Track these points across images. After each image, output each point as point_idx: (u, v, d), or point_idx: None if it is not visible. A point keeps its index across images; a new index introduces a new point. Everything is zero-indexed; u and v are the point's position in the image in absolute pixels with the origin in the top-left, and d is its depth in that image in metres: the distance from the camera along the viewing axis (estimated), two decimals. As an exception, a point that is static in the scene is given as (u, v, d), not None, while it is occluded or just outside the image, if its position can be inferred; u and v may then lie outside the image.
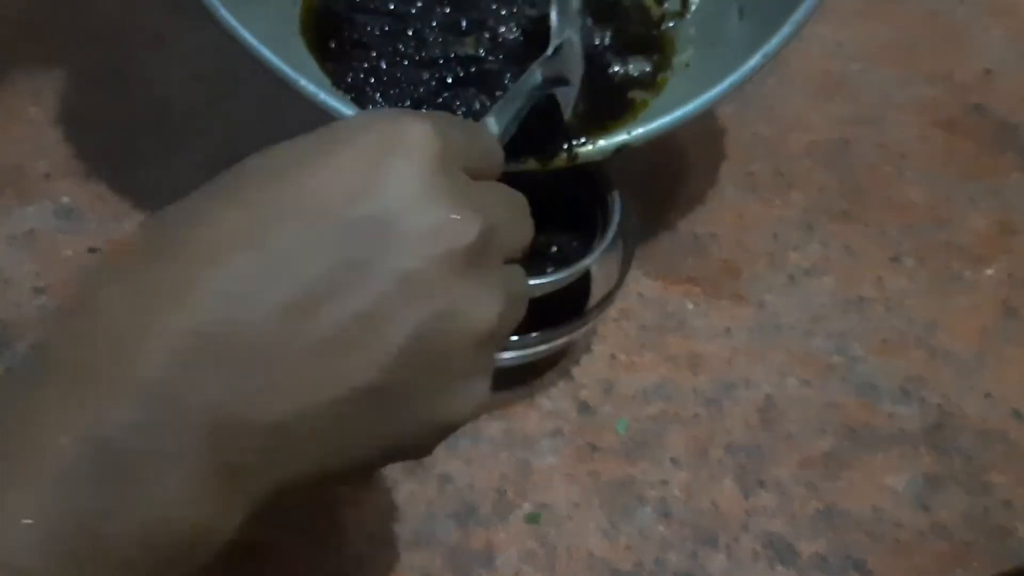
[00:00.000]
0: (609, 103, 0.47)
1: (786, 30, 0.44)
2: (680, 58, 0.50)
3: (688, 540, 0.43)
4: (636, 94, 0.48)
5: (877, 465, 0.46)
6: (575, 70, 0.43)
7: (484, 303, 0.25)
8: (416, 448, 0.26)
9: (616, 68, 0.49)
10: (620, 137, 0.45)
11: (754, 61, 0.44)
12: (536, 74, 0.38)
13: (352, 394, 0.23)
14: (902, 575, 0.42)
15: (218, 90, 0.59)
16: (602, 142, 0.45)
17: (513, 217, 0.28)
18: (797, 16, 0.44)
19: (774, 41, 0.44)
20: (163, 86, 0.60)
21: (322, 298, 0.23)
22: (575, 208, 0.48)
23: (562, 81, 0.42)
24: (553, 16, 0.44)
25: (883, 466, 0.45)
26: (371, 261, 0.23)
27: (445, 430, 0.26)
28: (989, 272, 0.54)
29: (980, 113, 0.62)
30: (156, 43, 0.62)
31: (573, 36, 0.43)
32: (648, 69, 0.49)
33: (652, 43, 0.51)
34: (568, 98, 0.43)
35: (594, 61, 0.49)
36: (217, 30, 0.41)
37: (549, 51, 0.42)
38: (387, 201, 0.24)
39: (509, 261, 0.28)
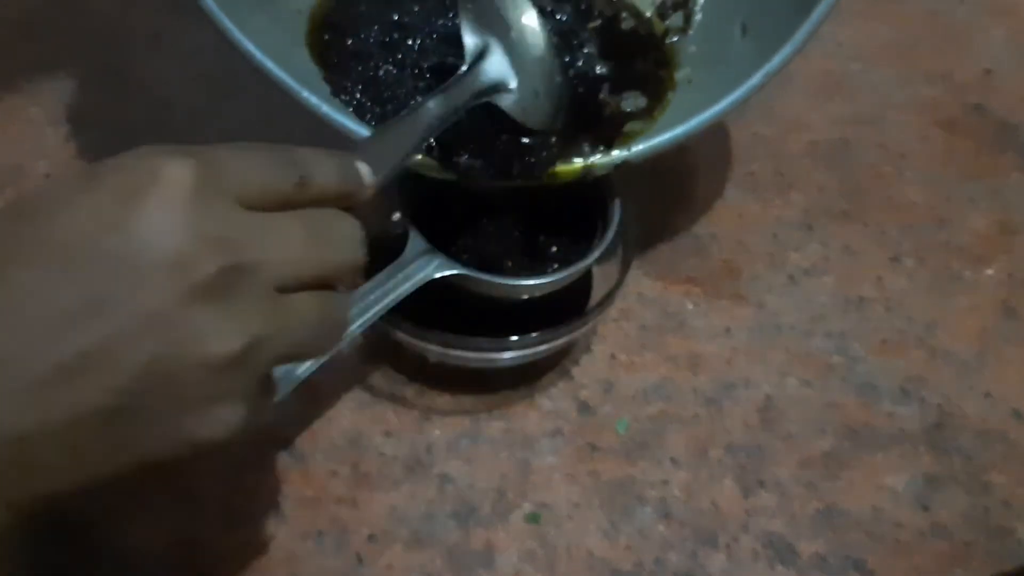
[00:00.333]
0: (601, 132, 0.47)
1: (788, 48, 0.43)
2: (681, 74, 0.50)
3: (688, 540, 0.43)
4: (631, 127, 0.48)
5: (877, 465, 0.46)
6: (527, 68, 0.43)
7: (224, 332, 0.26)
8: (167, 459, 0.28)
9: (609, 103, 0.49)
10: (620, 153, 0.45)
11: (756, 79, 0.43)
12: (432, 102, 0.39)
13: (91, 414, 0.25)
14: (902, 575, 0.42)
15: (218, 90, 0.59)
16: (601, 158, 0.45)
17: (288, 245, 0.28)
18: (800, 34, 0.43)
19: (776, 59, 0.43)
20: (163, 86, 0.60)
21: (61, 327, 0.25)
22: (575, 208, 0.48)
23: (495, 89, 0.42)
24: (464, 25, 0.43)
25: (883, 466, 0.45)
26: (111, 294, 0.25)
27: (196, 447, 0.28)
28: (989, 272, 0.54)
29: (980, 113, 0.62)
30: (156, 43, 0.62)
31: (497, 40, 0.43)
32: (643, 105, 0.49)
33: (650, 79, 0.51)
34: (520, 102, 0.43)
35: (588, 90, 0.49)
36: (217, 31, 0.41)
37: (464, 67, 0.42)
38: (130, 236, 0.25)
39: (324, 286, 0.30)
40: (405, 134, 0.37)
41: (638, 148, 0.45)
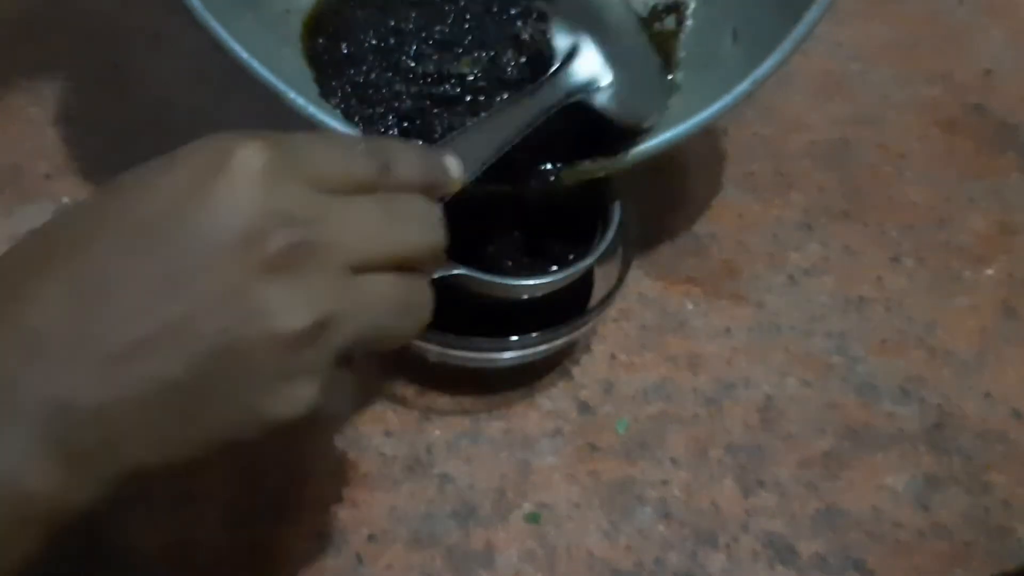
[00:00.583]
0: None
1: (778, 55, 0.43)
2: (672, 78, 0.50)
3: (688, 540, 0.43)
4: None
5: (877, 465, 0.46)
6: (621, 60, 0.43)
7: (293, 308, 0.27)
8: (243, 439, 0.28)
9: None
10: (609, 160, 0.45)
11: (744, 86, 0.44)
12: (522, 103, 0.39)
13: (165, 388, 0.26)
14: (902, 575, 0.42)
15: (218, 90, 0.59)
16: (588, 163, 0.45)
17: (362, 224, 0.29)
18: (790, 41, 0.43)
19: (766, 65, 0.43)
20: (163, 86, 0.60)
21: (139, 302, 0.26)
22: (575, 208, 0.48)
23: (587, 87, 0.42)
24: (555, 26, 0.44)
25: (883, 466, 0.46)
26: (185, 270, 0.26)
27: (269, 425, 0.28)
28: (989, 272, 0.54)
29: (980, 113, 0.62)
30: (156, 43, 0.62)
31: (589, 36, 0.43)
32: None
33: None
34: (616, 96, 0.43)
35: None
36: (203, 30, 0.41)
37: (555, 65, 0.42)
38: (203, 214, 0.26)
39: (389, 269, 0.29)
40: (494, 132, 0.38)
41: (627, 154, 0.45)
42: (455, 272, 0.42)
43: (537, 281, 0.45)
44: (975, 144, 0.61)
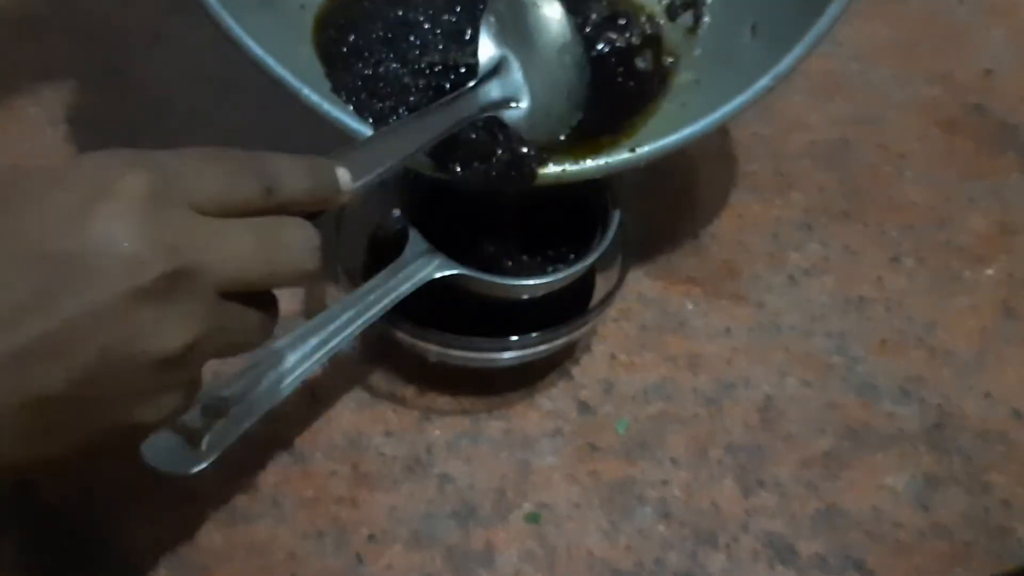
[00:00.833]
0: (615, 109, 0.47)
1: (799, 50, 0.43)
2: (687, 75, 0.50)
3: (688, 540, 0.43)
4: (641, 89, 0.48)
5: (877, 465, 0.46)
6: (543, 89, 0.43)
7: (167, 333, 0.29)
8: (111, 442, 0.30)
9: (620, 68, 0.49)
10: (623, 156, 0.45)
11: (764, 81, 0.43)
12: (435, 113, 0.39)
13: (42, 400, 0.27)
14: (902, 575, 0.42)
15: (218, 90, 0.59)
16: (605, 161, 0.45)
17: (236, 251, 0.30)
18: (810, 36, 0.43)
19: (787, 60, 0.43)
20: (163, 86, 0.60)
21: (15, 316, 0.27)
22: (576, 208, 0.48)
23: (503, 105, 0.42)
24: (484, 36, 0.43)
25: (883, 466, 0.46)
26: (63, 290, 0.27)
27: (136, 430, 0.30)
28: (989, 272, 0.54)
29: (980, 113, 0.62)
30: (156, 43, 0.62)
31: (516, 57, 0.44)
32: (649, 66, 0.49)
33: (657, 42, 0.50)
34: (529, 118, 0.43)
35: (598, 67, 0.49)
36: (217, 27, 0.41)
37: (473, 81, 0.42)
38: (86, 238, 0.27)
39: (252, 293, 0.31)
40: (401, 141, 0.38)
41: (643, 150, 0.45)
42: (455, 272, 0.42)
43: (537, 281, 0.45)
44: (975, 144, 0.61)
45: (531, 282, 0.45)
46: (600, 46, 0.50)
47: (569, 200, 0.48)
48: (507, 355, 0.44)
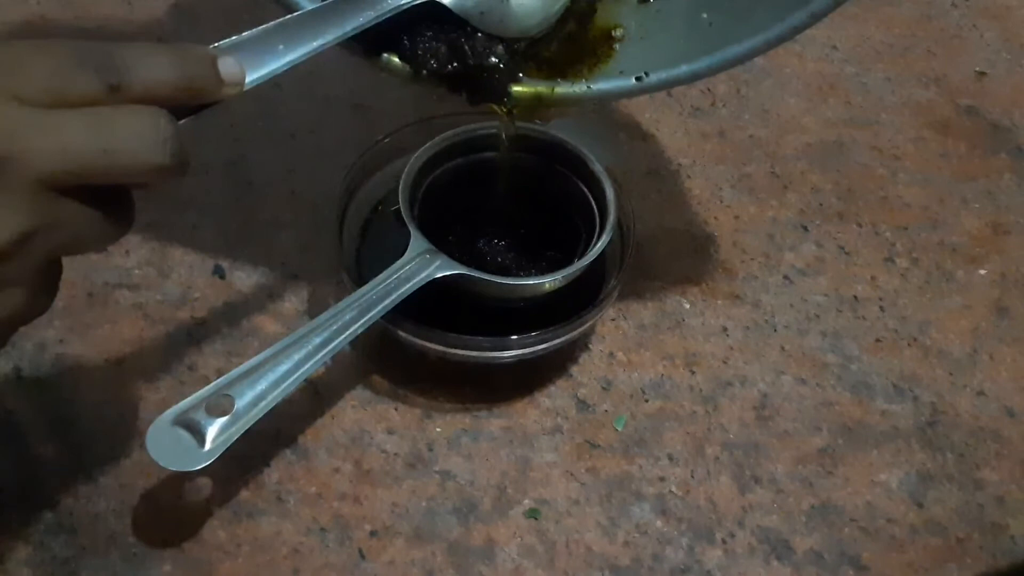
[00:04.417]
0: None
1: None
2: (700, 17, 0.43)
3: (685, 536, 0.43)
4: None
5: (871, 462, 0.46)
6: None
7: None
8: None
9: None
10: (631, 82, 0.40)
11: (800, 17, 0.38)
12: None
13: None
14: (896, 570, 0.43)
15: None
16: (607, 84, 0.41)
17: (61, 139, 0.28)
18: None
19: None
20: (164, 87, 0.60)
21: None
22: (574, 208, 0.48)
23: None
24: None
25: (877, 463, 0.46)
26: None
27: None
28: (982, 272, 0.54)
29: (973, 115, 0.63)
30: (155, 43, 0.62)
31: None
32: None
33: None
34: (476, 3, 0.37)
35: None
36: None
37: None
38: None
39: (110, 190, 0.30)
40: (307, 31, 0.34)
41: (658, 76, 0.40)
42: (455, 272, 0.43)
43: (537, 281, 0.45)
44: (968, 146, 0.61)
45: (531, 282, 0.46)
46: None
47: (568, 200, 0.48)
48: (507, 355, 0.44)
